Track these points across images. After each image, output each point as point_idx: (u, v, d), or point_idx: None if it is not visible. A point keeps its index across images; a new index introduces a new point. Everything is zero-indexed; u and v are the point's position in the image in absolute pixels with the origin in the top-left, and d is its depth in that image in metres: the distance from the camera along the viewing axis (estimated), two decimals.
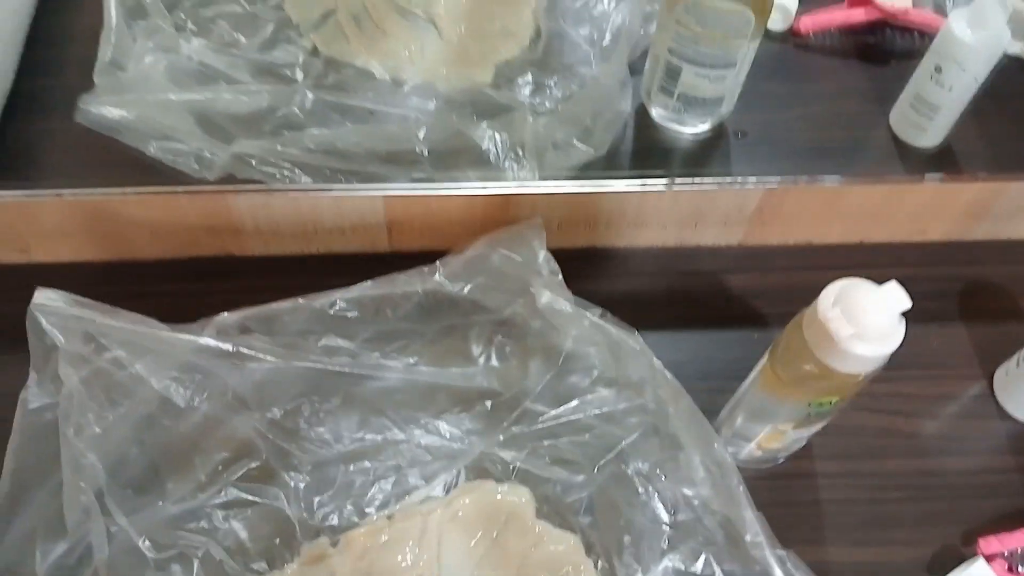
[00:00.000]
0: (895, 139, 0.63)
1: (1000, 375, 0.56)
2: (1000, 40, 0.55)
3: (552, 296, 0.52)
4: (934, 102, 0.59)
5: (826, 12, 0.68)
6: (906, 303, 0.39)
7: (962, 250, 0.61)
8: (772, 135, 0.63)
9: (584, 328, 0.53)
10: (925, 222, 0.60)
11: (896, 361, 0.40)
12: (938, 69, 0.57)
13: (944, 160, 0.62)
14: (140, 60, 0.59)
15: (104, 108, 0.56)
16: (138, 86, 0.58)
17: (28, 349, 0.45)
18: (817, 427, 0.47)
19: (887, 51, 0.68)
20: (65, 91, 0.58)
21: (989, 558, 0.49)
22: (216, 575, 0.44)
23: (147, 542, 0.44)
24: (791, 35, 0.68)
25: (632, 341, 0.51)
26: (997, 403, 0.55)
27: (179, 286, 0.56)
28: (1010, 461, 0.54)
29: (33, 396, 0.44)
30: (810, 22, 0.68)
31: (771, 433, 0.47)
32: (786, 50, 0.68)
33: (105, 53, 0.58)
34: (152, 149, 0.56)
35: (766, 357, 0.45)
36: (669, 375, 0.50)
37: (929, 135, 0.62)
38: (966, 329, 0.58)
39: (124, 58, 0.59)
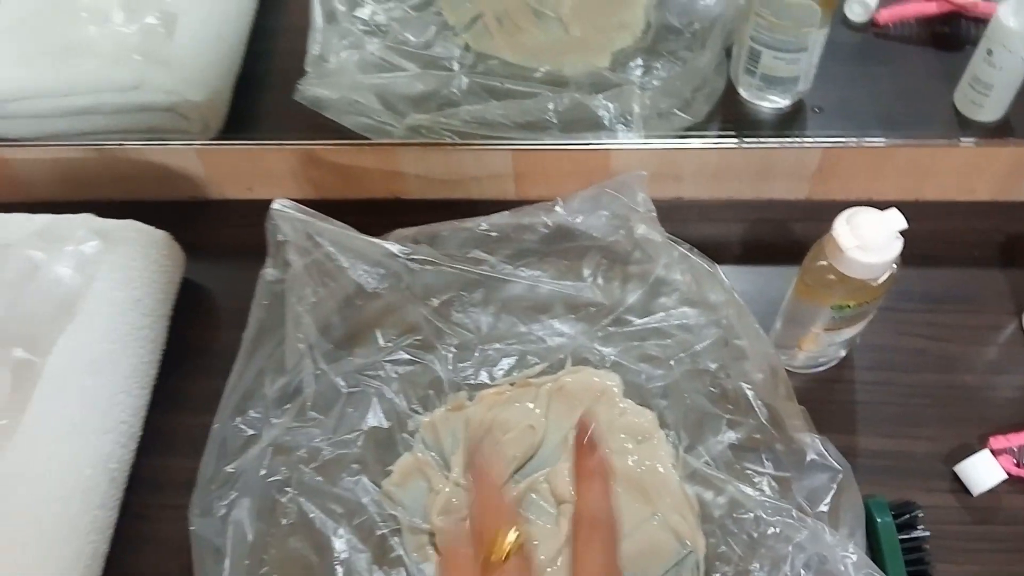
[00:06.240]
0: (958, 114, 0.74)
1: None
2: None
3: (647, 229, 0.66)
4: (987, 81, 0.69)
5: (902, 5, 0.79)
6: (902, 224, 0.51)
7: (1007, 208, 0.71)
8: (846, 111, 0.74)
9: (673, 258, 0.66)
10: (973, 181, 0.70)
11: (935, 296, 0.55)
12: (989, 52, 0.68)
13: (1000, 132, 0.72)
14: (338, 54, 0.77)
15: (315, 90, 0.73)
16: (337, 74, 0.75)
17: (251, 255, 0.62)
18: (846, 333, 0.60)
19: (959, 39, 0.78)
20: (279, 75, 0.76)
21: (996, 452, 0.59)
22: (387, 409, 0.62)
23: (341, 381, 0.62)
24: (871, 25, 0.79)
25: (711, 269, 0.64)
26: None
27: (360, 219, 0.67)
28: None
29: (269, 274, 0.61)
30: (888, 14, 0.79)
31: (808, 335, 0.60)
32: (866, 39, 0.79)
33: (313, 48, 0.76)
34: (347, 121, 0.74)
35: (799, 271, 0.58)
36: (738, 298, 0.63)
37: (987, 111, 0.72)
38: (1003, 275, 0.68)
39: (327, 52, 0.76)
